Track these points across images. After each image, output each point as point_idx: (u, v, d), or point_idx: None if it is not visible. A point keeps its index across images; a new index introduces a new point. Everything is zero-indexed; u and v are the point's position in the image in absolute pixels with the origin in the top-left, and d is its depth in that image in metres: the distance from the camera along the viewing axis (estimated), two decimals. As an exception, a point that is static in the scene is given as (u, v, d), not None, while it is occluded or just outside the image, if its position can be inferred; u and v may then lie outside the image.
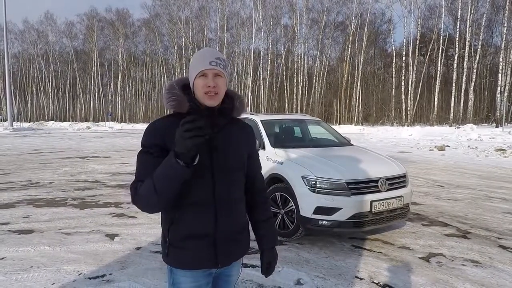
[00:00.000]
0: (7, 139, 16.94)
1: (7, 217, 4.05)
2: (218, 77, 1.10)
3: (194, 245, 1.11)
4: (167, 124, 1.10)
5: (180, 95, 1.12)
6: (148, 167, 1.05)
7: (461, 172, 7.63)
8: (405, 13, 31.41)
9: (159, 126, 1.12)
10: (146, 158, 1.08)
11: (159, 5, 40.19)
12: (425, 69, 32.79)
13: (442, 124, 27.42)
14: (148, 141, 1.10)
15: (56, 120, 46.63)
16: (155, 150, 1.08)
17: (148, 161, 1.07)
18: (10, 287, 2.40)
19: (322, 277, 2.61)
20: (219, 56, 1.12)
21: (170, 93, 1.13)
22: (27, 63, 49.42)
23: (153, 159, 1.06)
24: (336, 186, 3.08)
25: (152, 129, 1.12)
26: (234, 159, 1.17)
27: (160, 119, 1.16)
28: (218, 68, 1.09)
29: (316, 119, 5.18)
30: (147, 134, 1.12)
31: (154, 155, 1.07)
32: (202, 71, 1.08)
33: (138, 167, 1.10)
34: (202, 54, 1.13)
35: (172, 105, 1.11)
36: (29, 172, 7.25)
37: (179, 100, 1.11)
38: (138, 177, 1.07)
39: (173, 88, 1.13)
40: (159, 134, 1.09)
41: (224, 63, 1.14)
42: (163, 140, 1.07)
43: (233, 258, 1.21)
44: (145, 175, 1.04)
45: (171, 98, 1.12)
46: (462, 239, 3.48)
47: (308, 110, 34.40)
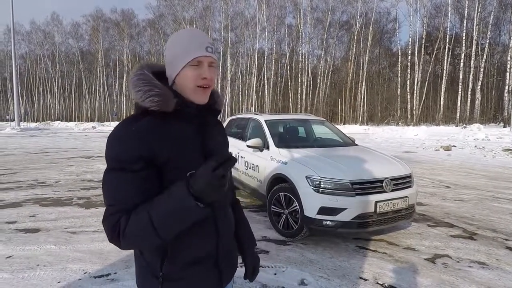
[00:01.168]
0: (14, 139, 17.16)
1: (14, 216, 4.10)
2: (212, 68, 0.90)
3: (197, 272, 0.90)
4: (152, 127, 0.83)
5: (164, 88, 0.86)
6: (129, 191, 0.79)
7: (467, 173, 7.54)
8: (410, 12, 31.17)
9: (140, 132, 0.81)
10: (126, 178, 0.79)
11: (164, 6, 40.37)
12: (431, 68, 32.47)
13: (448, 124, 27.13)
14: (127, 153, 0.79)
15: (62, 120, 47.09)
16: (139, 165, 0.79)
17: (129, 182, 0.79)
18: (17, 285, 2.43)
19: (326, 277, 2.60)
20: (211, 41, 0.91)
21: (149, 84, 0.85)
22: (34, 64, 50.01)
23: (137, 179, 0.79)
24: (340, 186, 3.06)
25: (131, 135, 0.81)
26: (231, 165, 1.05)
27: (133, 120, 0.85)
28: (214, 56, 0.89)
29: (321, 119, 5.16)
30: (122, 143, 0.80)
31: (137, 172, 0.79)
32: (197, 58, 0.86)
33: (113, 192, 0.80)
34: (193, 35, 0.88)
35: (156, 102, 0.84)
36: (35, 171, 7.33)
37: (164, 96, 0.85)
38: (116, 205, 0.78)
39: (149, 78, 0.86)
40: (143, 142, 0.80)
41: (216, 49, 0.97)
42: (150, 150, 0.81)
43: (233, 271, 1.06)
44: (127, 202, 0.78)
45: (153, 92, 0.84)
46: (469, 240, 3.44)
47: (313, 110, 34.30)
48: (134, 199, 0.79)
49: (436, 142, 14.69)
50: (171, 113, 0.87)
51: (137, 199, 0.79)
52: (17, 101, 28.66)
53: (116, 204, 0.79)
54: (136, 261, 0.95)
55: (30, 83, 51.02)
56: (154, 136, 0.83)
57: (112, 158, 0.82)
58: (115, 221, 0.78)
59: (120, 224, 0.77)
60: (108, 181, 0.82)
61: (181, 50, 0.87)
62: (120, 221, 0.77)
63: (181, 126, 0.89)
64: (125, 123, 0.85)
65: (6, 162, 8.80)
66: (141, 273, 0.93)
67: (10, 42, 31.88)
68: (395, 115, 32.58)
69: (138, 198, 0.79)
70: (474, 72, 28.05)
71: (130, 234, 0.77)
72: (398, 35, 35.19)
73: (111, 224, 0.78)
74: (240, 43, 38.40)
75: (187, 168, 0.79)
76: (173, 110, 0.86)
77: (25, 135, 20.41)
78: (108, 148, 0.83)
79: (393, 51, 37.72)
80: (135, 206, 0.79)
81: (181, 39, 0.89)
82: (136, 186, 0.80)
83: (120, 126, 0.84)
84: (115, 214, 0.78)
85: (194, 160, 0.86)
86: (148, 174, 0.81)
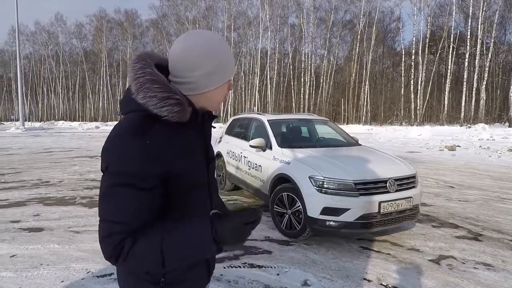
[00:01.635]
0: (19, 139, 17.29)
1: (18, 215, 4.12)
2: None
3: (194, 273, 0.90)
4: (165, 140, 0.75)
5: (183, 98, 0.79)
6: (136, 209, 0.72)
7: (472, 173, 7.47)
8: (414, 11, 30.97)
9: (156, 146, 0.73)
10: (136, 195, 0.71)
11: (167, 6, 40.49)
12: (435, 68, 32.26)
13: (452, 124, 26.94)
14: (138, 170, 0.71)
15: (66, 119, 47.44)
16: (150, 182, 0.73)
17: (136, 200, 0.72)
18: (21, 284, 2.44)
19: (330, 278, 2.58)
20: None
21: (166, 90, 0.76)
22: (38, 64, 50.42)
23: (146, 197, 0.73)
24: (343, 186, 3.04)
25: (145, 150, 0.72)
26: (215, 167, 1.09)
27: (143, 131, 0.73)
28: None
29: (324, 119, 5.13)
30: (132, 158, 0.71)
31: (148, 190, 0.72)
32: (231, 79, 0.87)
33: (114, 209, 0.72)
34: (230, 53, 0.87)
35: (176, 113, 0.76)
36: (39, 171, 7.38)
37: (183, 106, 0.78)
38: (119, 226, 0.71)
39: (165, 83, 0.78)
40: (157, 157, 0.73)
41: None
42: (164, 165, 0.74)
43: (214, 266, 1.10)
44: (133, 222, 0.71)
45: (172, 100, 0.75)
46: (474, 241, 3.40)
47: (316, 110, 34.21)
48: (141, 219, 0.72)
49: (440, 142, 14.59)
50: (181, 124, 0.79)
51: (145, 219, 0.73)
52: (22, 101, 28.89)
53: (119, 224, 0.71)
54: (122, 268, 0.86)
55: (35, 83, 51.45)
56: (169, 150, 0.76)
57: (118, 172, 0.72)
58: (118, 241, 0.70)
59: (124, 246, 0.70)
60: (110, 197, 0.73)
61: (227, 66, 0.84)
62: (124, 243, 0.70)
63: (189, 135, 0.84)
64: (134, 133, 0.73)
65: (11, 161, 8.86)
66: (129, 281, 0.85)
67: (15, 43, 32.14)
68: (398, 115, 32.41)
69: (146, 218, 0.73)
70: (479, 72, 27.82)
71: (135, 260, 0.71)
72: (401, 35, 34.86)
73: (113, 244, 0.70)
74: (243, 43, 38.42)
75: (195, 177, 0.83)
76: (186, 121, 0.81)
77: (29, 135, 20.56)
78: (113, 158, 0.73)
79: (397, 50, 37.53)
80: (142, 226, 0.73)
81: (227, 54, 0.85)
82: (145, 204, 0.73)
83: (130, 136, 0.73)
84: (119, 234, 0.71)
85: (200, 169, 0.87)
86: (156, 193, 0.75)
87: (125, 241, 0.70)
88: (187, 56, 0.80)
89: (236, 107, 38.72)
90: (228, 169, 5.22)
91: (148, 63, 0.80)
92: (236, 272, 2.64)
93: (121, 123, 0.79)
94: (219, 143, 5.76)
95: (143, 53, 0.84)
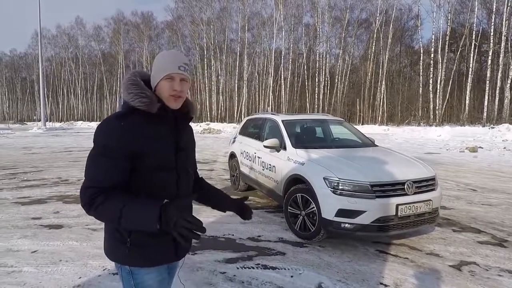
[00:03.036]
0: (41, 138, 17.96)
1: (39, 212, 4.27)
2: (184, 82, 1.13)
3: (159, 241, 1.11)
4: (137, 125, 1.05)
5: (151, 94, 1.09)
6: (107, 173, 1.01)
7: (496, 175, 7.16)
8: (434, 8, 30.02)
9: (128, 128, 1.03)
10: (108, 163, 1.01)
11: (182, 7, 41.02)
12: (456, 66, 31.14)
13: (474, 124, 25.91)
14: (113, 144, 1.01)
15: (85, 120, 48.97)
16: (120, 153, 1.01)
17: (108, 166, 1.01)
18: (41, 279, 2.52)
19: (345, 281, 2.52)
20: (187, 62, 1.15)
21: (139, 88, 1.08)
22: (58, 66, 52.28)
23: (116, 165, 1.01)
24: (359, 188, 2.97)
25: (119, 129, 1.02)
26: (191, 158, 1.30)
27: (123, 116, 1.06)
28: (186, 73, 1.13)
29: (339, 119, 5.05)
30: (109, 133, 1.02)
31: (117, 159, 1.01)
32: (170, 74, 1.09)
33: (93, 170, 1.02)
34: (171, 57, 1.13)
35: (143, 103, 1.06)
36: (59, 169, 7.63)
37: (150, 99, 1.07)
38: (95, 183, 1.00)
39: (139, 83, 1.10)
40: (127, 136, 1.02)
41: (190, 68, 1.18)
42: (132, 143, 1.02)
43: (187, 250, 1.27)
44: (103, 182, 1.00)
45: (142, 95, 1.07)
46: (498, 247, 3.25)
47: (330, 110, 33.78)
48: (110, 181, 1.00)
49: (461, 143, 14.09)
50: (153, 115, 1.07)
51: (113, 181, 1.01)
52: (43, 102, 30.01)
53: (95, 181, 1.00)
54: (105, 227, 1.16)
55: (55, 85, 53.36)
56: (137, 132, 1.04)
57: (100, 145, 1.02)
58: (92, 194, 0.98)
59: (97, 200, 0.97)
60: (92, 161, 1.03)
61: (160, 66, 1.11)
62: (97, 197, 0.98)
63: (159, 126, 1.11)
64: (116, 117, 1.05)
65: (33, 160, 9.21)
66: (109, 239, 1.14)
67: (37, 46, 33.42)
68: (416, 115, 31.53)
69: (114, 181, 1.01)
70: (503, 70, 26.64)
71: (101, 212, 0.98)
72: (420, 33, 33.84)
73: (88, 196, 0.99)
74: (257, 43, 38.42)
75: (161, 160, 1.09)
76: (155, 113, 1.07)
77: (50, 135, 21.32)
78: (99, 135, 1.03)
79: (415, 49, 36.49)
80: (111, 187, 1.00)
81: (162, 58, 1.13)
82: (114, 170, 1.01)
83: (112, 119, 1.04)
84: (93, 188, 0.99)
85: (167, 154, 1.12)
86: (126, 165, 1.02)
87: (98, 195, 0.98)
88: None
89: (250, 108, 38.78)
90: (242, 169, 5.21)
91: (134, 75, 1.13)
92: (249, 273, 2.63)
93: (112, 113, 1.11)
94: (233, 143, 5.77)
95: (135, 71, 1.16)
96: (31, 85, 55.77)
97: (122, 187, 1.03)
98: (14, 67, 58.73)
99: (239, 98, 38.39)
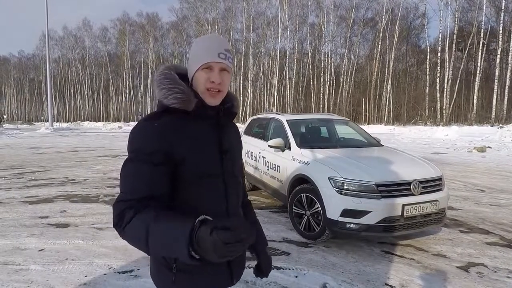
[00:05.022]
0: (48, 138, 18.20)
1: (46, 211, 4.32)
2: (225, 72, 0.93)
3: (211, 268, 0.94)
4: (173, 124, 0.89)
5: (187, 89, 0.92)
6: (142, 181, 0.83)
7: (505, 176, 7.04)
8: (441, 6, 29.67)
9: (162, 127, 0.87)
10: (141, 168, 0.83)
11: (187, 8, 41.24)
12: (463, 65, 30.74)
13: (482, 124, 25.54)
14: (148, 146, 0.85)
15: (91, 120, 49.47)
16: (157, 157, 0.84)
17: (144, 172, 0.83)
18: (48, 277, 2.54)
19: (350, 282, 2.50)
20: (229, 48, 0.95)
21: (172, 83, 0.91)
22: (65, 67, 52.95)
23: (152, 171, 0.83)
24: (364, 188, 2.94)
25: (152, 130, 0.87)
26: (237, 164, 1.05)
27: (155, 117, 0.90)
28: (227, 62, 0.93)
29: (344, 119, 5.02)
30: (142, 136, 0.87)
31: (154, 163, 0.84)
32: (208, 63, 0.91)
33: (124, 180, 0.85)
34: (210, 42, 0.94)
35: (179, 99, 0.89)
36: (66, 169, 7.71)
37: (187, 95, 0.90)
38: (127, 195, 0.83)
39: (173, 77, 0.92)
40: (163, 136, 0.86)
41: (232, 56, 0.97)
42: (169, 144, 0.86)
43: (242, 270, 1.09)
44: (138, 192, 0.82)
45: (175, 90, 0.90)
46: (507, 248, 3.19)
47: (335, 110, 33.61)
48: (147, 191, 0.82)
49: (468, 143, 13.90)
50: (190, 113, 0.92)
51: (150, 192, 0.82)
52: (51, 102, 30.40)
53: (127, 192, 0.83)
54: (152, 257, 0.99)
55: (62, 85, 54.02)
56: (175, 133, 0.88)
57: (133, 150, 0.87)
58: (122, 209, 0.80)
59: (126, 216, 0.79)
60: (126, 170, 0.87)
61: (197, 54, 0.94)
62: (125, 212, 0.79)
63: (199, 126, 0.94)
64: (149, 118, 0.91)
65: (41, 160, 9.34)
66: (155, 265, 0.97)
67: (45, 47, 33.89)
68: (423, 115, 31.20)
69: (151, 191, 0.83)
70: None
71: (129, 232, 0.78)
72: (427, 31, 33.55)
73: (118, 211, 0.81)
74: (262, 43, 38.44)
75: (204, 165, 0.91)
76: (193, 110, 0.92)
77: (57, 135, 21.59)
78: (131, 140, 0.88)
79: (421, 48, 36.13)
80: (147, 198, 0.81)
81: (199, 45, 0.95)
82: (151, 178, 0.83)
83: (144, 121, 0.90)
84: (125, 202, 0.82)
85: (211, 158, 0.94)
86: (165, 169, 0.85)
87: (126, 211, 0.79)
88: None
89: (255, 107, 38.78)
90: (246, 169, 5.21)
91: (167, 68, 0.96)
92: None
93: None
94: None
95: (170, 65, 0.99)
96: (38, 86, 56.54)
97: (162, 201, 0.84)
98: (22, 68, 59.65)
99: (244, 98, 38.42)
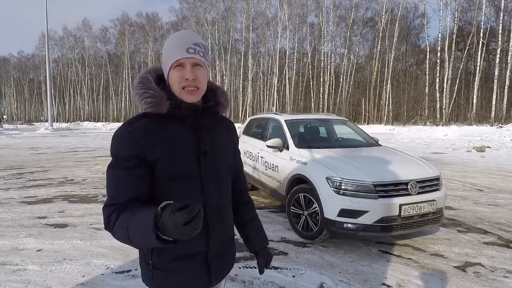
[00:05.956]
0: (48, 139, 18.19)
1: (45, 211, 4.32)
2: (198, 67, 0.90)
3: (185, 266, 0.94)
4: (145, 129, 0.89)
5: (158, 91, 0.91)
6: (122, 186, 0.87)
7: (503, 176, 7.04)
8: (440, 6, 29.65)
9: (134, 132, 0.88)
10: (119, 173, 0.87)
11: (186, 8, 41.15)
12: (463, 65, 30.74)
13: (481, 124, 25.54)
14: (121, 151, 0.88)
15: (91, 120, 49.48)
16: (132, 162, 0.87)
17: (122, 177, 0.87)
18: (45, 277, 2.55)
19: (347, 282, 2.51)
20: (198, 41, 0.90)
21: (144, 87, 0.91)
22: (65, 67, 52.91)
23: (129, 175, 0.87)
24: (362, 188, 2.95)
25: (126, 136, 0.88)
26: (222, 164, 1.02)
27: (132, 122, 0.91)
28: (197, 56, 0.89)
29: (342, 119, 5.02)
30: (118, 142, 0.89)
31: (129, 169, 0.87)
32: (177, 60, 0.88)
33: (110, 186, 0.89)
34: (177, 39, 0.91)
35: (149, 104, 0.89)
36: (65, 169, 7.72)
37: (157, 98, 0.90)
38: (112, 199, 0.87)
39: (147, 81, 0.92)
40: (135, 142, 0.87)
41: (204, 49, 0.91)
42: (141, 150, 0.87)
43: (225, 272, 1.07)
44: (119, 197, 0.86)
45: (146, 95, 0.89)
46: (505, 248, 3.20)
47: (335, 110, 33.61)
48: (127, 194, 0.86)
49: (468, 143, 13.91)
50: (166, 115, 0.92)
51: (130, 194, 0.87)
52: (50, 103, 30.39)
53: (112, 197, 0.88)
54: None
55: (62, 85, 54.00)
56: (147, 137, 0.89)
57: (112, 155, 0.91)
58: (109, 213, 0.86)
59: (111, 220, 0.85)
60: (108, 176, 0.91)
61: (166, 53, 0.92)
62: (111, 216, 0.85)
63: (174, 128, 0.93)
64: (127, 123, 0.92)
65: (40, 160, 9.33)
66: (140, 260, 1.01)
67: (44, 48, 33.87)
68: (422, 115, 31.20)
69: (131, 194, 0.87)
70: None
71: (116, 231, 0.84)
72: (426, 31, 33.48)
73: (106, 215, 0.86)
74: (261, 43, 38.40)
75: (177, 167, 0.91)
76: (168, 112, 0.91)
77: (57, 135, 21.58)
78: (111, 145, 0.92)
79: (421, 47, 36.11)
80: (129, 201, 0.86)
81: (167, 44, 0.93)
82: (128, 182, 0.87)
83: (122, 125, 0.93)
84: (110, 206, 0.87)
85: (185, 160, 0.93)
86: (140, 172, 0.88)
87: (112, 215, 0.85)
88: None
89: (254, 107, 38.78)
90: (245, 169, 5.21)
91: (145, 72, 0.96)
92: (251, 273, 2.62)
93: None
94: (236, 143, 5.77)
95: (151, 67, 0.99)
96: (38, 86, 56.52)
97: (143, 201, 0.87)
98: (22, 68, 59.63)
99: (243, 98, 38.42)
